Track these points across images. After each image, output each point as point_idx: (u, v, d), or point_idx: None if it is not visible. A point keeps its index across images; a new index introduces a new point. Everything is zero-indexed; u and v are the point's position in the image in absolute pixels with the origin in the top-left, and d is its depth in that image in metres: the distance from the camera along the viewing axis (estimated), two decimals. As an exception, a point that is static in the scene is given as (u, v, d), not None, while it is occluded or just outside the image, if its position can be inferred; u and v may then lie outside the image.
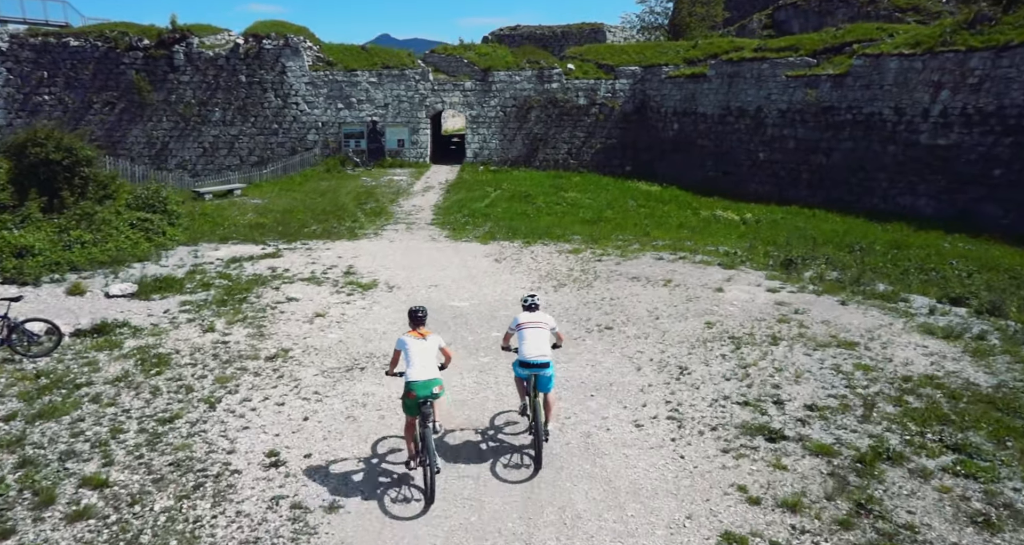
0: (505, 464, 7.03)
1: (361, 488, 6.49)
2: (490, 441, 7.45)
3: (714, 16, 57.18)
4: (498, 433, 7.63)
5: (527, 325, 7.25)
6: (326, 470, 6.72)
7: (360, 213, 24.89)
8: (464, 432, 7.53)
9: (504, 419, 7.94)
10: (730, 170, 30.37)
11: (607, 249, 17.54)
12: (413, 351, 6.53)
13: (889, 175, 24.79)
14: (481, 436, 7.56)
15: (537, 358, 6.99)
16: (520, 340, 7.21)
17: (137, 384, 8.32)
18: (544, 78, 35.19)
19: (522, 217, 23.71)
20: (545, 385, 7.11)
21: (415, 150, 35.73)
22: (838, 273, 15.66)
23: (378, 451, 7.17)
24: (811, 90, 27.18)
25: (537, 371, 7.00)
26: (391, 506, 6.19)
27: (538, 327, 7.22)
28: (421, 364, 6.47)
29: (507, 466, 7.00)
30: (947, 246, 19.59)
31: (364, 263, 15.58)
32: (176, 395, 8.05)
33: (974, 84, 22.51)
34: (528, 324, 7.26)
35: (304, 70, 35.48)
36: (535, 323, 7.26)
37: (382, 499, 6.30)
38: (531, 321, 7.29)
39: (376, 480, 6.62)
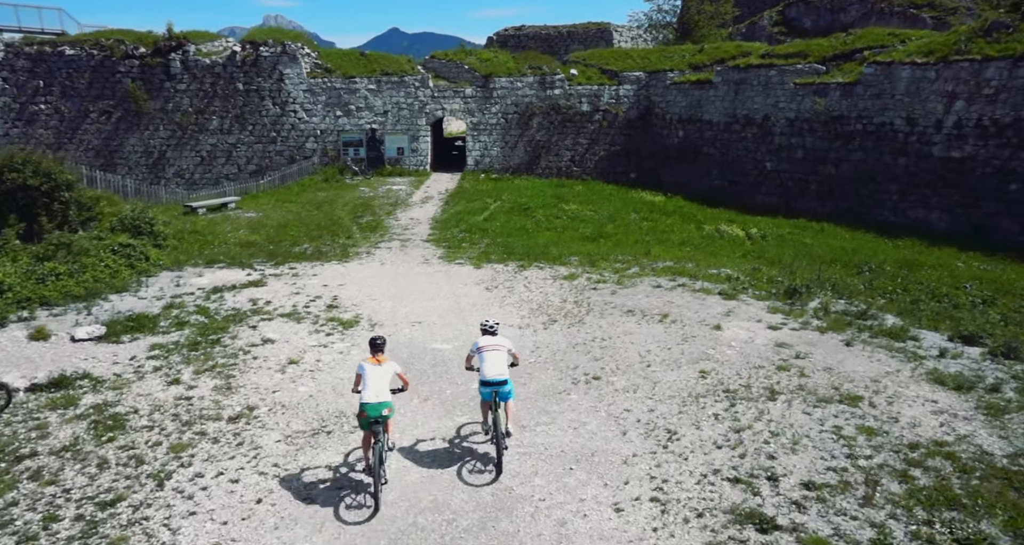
0: (470, 469, 7.96)
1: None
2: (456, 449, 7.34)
3: (723, 14, 56.15)
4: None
5: (487, 348, 8.24)
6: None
7: (355, 228, 24.37)
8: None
9: (470, 429, 8.97)
10: (736, 179, 29.58)
11: (604, 273, 16.90)
12: (368, 376, 7.51)
13: (900, 187, 23.95)
14: (448, 446, 8.21)
15: (496, 377, 7.98)
16: (481, 362, 8.17)
17: (85, 454, 7.80)
18: (546, 84, 34.48)
19: (520, 233, 23.10)
20: (505, 397, 8.12)
21: (415, 158, 35.16)
22: (845, 302, 14.95)
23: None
24: (820, 99, 26.33)
25: (497, 388, 8.01)
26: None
27: (496, 349, 8.23)
28: (374, 388, 7.40)
29: (472, 471, 7.93)
30: (961, 266, 18.80)
31: (350, 293, 15.03)
32: (124, 469, 7.52)
33: (990, 95, 21.62)
34: (487, 347, 8.24)
35: (302, 77, 34.96)
36: (494, 346, 8.27)
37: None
38: (490, 344, 8.28)
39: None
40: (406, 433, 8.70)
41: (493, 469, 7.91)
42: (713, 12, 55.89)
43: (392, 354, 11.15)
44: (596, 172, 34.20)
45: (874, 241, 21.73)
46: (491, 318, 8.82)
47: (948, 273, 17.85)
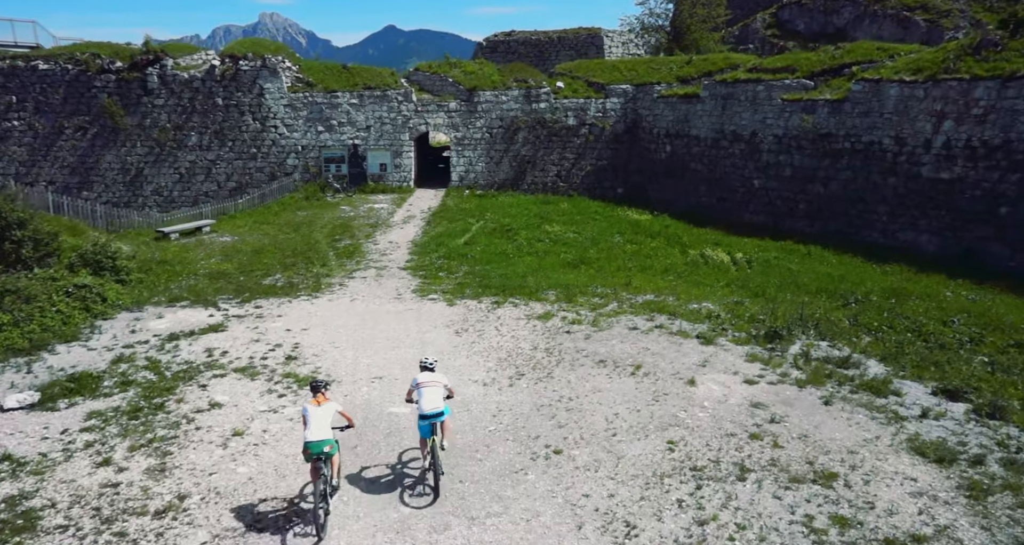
0: (411, 493, 8.75)
1: None
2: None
3: (716, 17, 55.52)
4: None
5: (424, 384, 9.07)
6: None
7: (331, 254, 23.76)
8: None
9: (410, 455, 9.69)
10: (724, 197, 29.01)
11: (580, 311, 16.32)
12: (311, 417, 8.32)
13: (890, 208, 23.39)
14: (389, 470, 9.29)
15: (432, 410, 8.87)
16: (419, 397, 9.00)
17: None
18: (532, 97, 33.85)
19: (500, 258, 22.52)
20: (441, 418, 8.96)
21: (398, 174, 34.52)
22: (827, 344, 14.40)
23: None
24: (807, 116, 25.75)
25: (434, 420, 8.88)
26: None
27: (433, 385, 9.07)
28: (317, 427, 8.20)
29: (412, 495, 8.73)
30: (949, 295, 18.26)
31: (313, 339, 14.42)
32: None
33: (979, 115, 21.06)
34: (425, 383, 9.09)
35: (283, 92, 34.29)
36: (431, 382, 9.11)
37: None
38: (428, 381, 9.13)
39: None
40: (345, 526, 8.10)
41: (431, 493, 8.77)
42: (705, 16, 55.27)
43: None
44: (583, 188, 33.60)
45: (862, 266, 21.18)
46: (430, 356, 9.74)
47: (936, 305, 17.31)
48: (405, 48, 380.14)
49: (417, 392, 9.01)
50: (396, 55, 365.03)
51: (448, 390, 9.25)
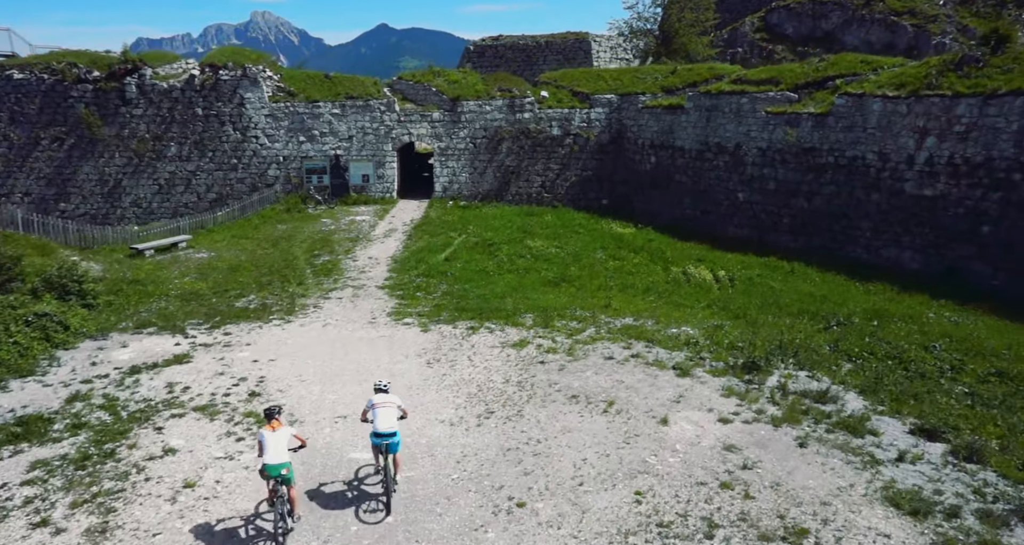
0: (365, 509, 9.29)
1: None
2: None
3: (704, 21, 55.35)
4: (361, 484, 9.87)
5: (379, 405, 9.61)
6: None
7: (308, 271, 23.34)
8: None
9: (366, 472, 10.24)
10: (709, 209, 28.75)
11: (556, 338, 15.99)
12: (267, 442, 8.83)
13: (873, 224, 23.19)
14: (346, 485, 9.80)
15: (386, 430, 9.33)
16: (374, 416, 9.51)
17: None
18: (516, 107, 33.49)
19: (480, 276, 22.17)
20: (394, 448, 9.44)
21: (381, 185, 34.10)
22: (806, 374, 14.13)
23: None
24: (791, 129, 25.51)
25: (387, 439, 9.31)
26: None
27: (388, 406, 9.60)
28: (273, 451, 8.73)
29: (366, 511, 9.29)
30: (931, 317, 18.05)
31: (279, 371, 14.02)
32: None
33: (961, 132, 20.87)
34: (380, 404, 9.62)
35: (264, 101, 33.80)
36: (386, 403, 9.63)
37: None
38: (383, 401, 9.66)
39: None
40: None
41: (384, 509, 9.36)
42: (693, 20, 55.10)
43: (305, 467, 10.20)
44: (567, 198, 33.28)
45: (845, 285, 20.96)
46: (384, 379, 10.50)
47: (918, 328, 17.09)
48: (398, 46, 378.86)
49: (372, 412, 9.60)
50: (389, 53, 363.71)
51: (402, 411, 9.84)
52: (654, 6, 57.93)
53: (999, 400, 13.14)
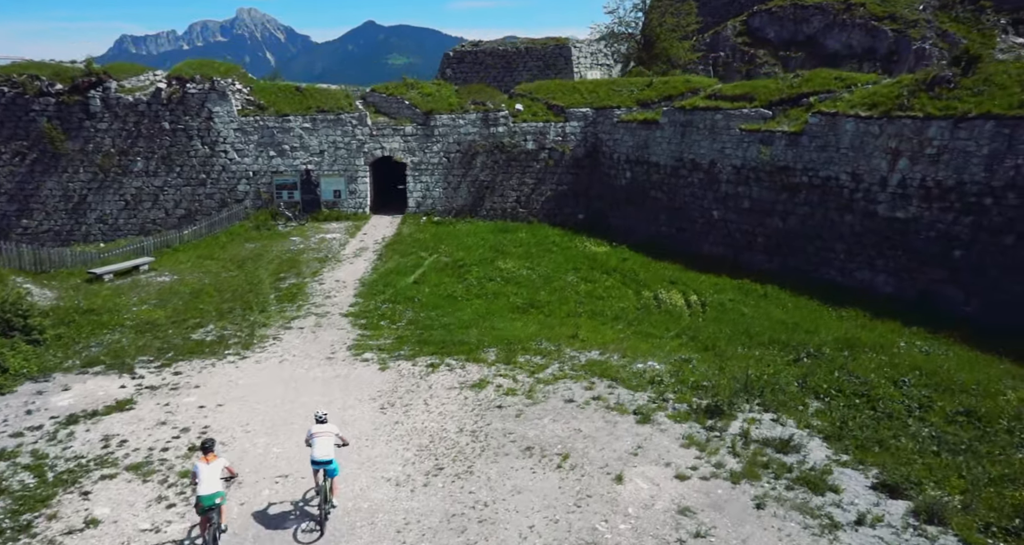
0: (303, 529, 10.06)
1: None
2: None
3: (685, 26, 55.12)
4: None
5: (318, 434, 10.51)
6: None
7: (273, 296, 22.75)
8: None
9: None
10: (684, 227, 28.40)
11: (518, 377, 15.56)
12: (201, 474, 9.43)
13: (847, 246, 22.90)
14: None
15: (323, 457, 10.27)
16: (312, 445, 10.45)
17: None
18: (490, 121, 32.98)
19: (448, 303, 21.67)
20: (332, 473, 10.43)
21: (353, 200, 33.49)
22: (771, 417, 13.76)
23: None
24: (765, 148, 25.18)
25: (323, 466, 10.29)
26: None
27: (325, 435, 10.51)
28: (207, 482, 9.38)
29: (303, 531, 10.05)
30: (903, 346, 17.77)
31: (225, 420, 13.47)
32: None
33: (932, 155, 20.61)
34: (318, 433, 10.51)
35: (232, 115, 33.08)
36: (323, 432, 10.53)
37: None
38: (321, 431, 10.54)
39: None
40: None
41: (318, 530, 10.17)
42: (675, 25, 54.86)
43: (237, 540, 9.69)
44: (543, 214, 32.82)
45: (817, 310, 20.65)
46: (321, 409, 11.30)
47: (888, 359, 16.80)
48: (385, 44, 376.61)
49: (312, 440, 10.52)
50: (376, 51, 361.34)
51: (340, 439, 10.84)
52: (635, 11, 57.61)
53: (965, 445, 12.85)
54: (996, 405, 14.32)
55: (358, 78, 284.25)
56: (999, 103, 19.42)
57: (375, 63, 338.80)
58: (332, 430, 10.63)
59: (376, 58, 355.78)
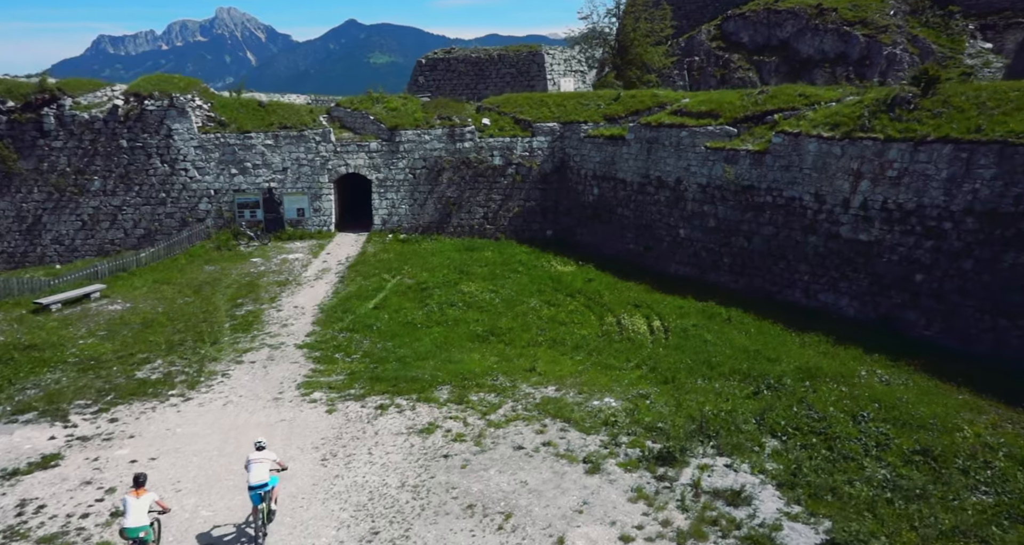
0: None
1: None
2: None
3: (659, 31, 54.97)
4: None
5: (254, 461, 11.15)
6: None
7: (227, 325, 22.13)
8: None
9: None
10: (651, 245, 28.08)
11: (468, 419, 15.13)
12: (129, 507, 9.93)
13: (811, 268, 22.69)
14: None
15: (258, 482, 10.93)
16: (249, 470, 11.06)
17: None
18: (456, 136, 32.47)
19: (407, 332, 21.18)
20: (271, 484, 11.16)
21: (318, 218, 32.82)
22: (725, 463, 13.42)
23: None
24: (728, 167, 24.93)
25: (259, 490, 10.90)
26: None
27: (261, 462, 11.14)
28: (133, 515, 9.87)
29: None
30: (863, 375, 17.55)
31: (157, 475, 12.86)
32: None
33: (893, 177, 20.44)
34: (255, 460, 11.17)
35: (193, 132, 32.29)
36: (259, 459, 11.18)
37: None
38: (257, 458, 11.19)
39: None
40: None
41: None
42: (649, 30, 54.71)
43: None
44: (510, 230, 32.38)
45: (780, 336, 20.37)
46: (262, 439, 11.79)
47: (848, 390, 16.58)
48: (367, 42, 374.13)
49: (249, 466, 11.11)
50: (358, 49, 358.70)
51: (277, 464, 11.49)
52: (609, 16, 57.41)
53: (920, 490, 12.59)
54: (952, 442, 14.10)
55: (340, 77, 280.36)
56: (957, 127, 19.26)
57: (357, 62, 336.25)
58: (269, 457, 11.31)
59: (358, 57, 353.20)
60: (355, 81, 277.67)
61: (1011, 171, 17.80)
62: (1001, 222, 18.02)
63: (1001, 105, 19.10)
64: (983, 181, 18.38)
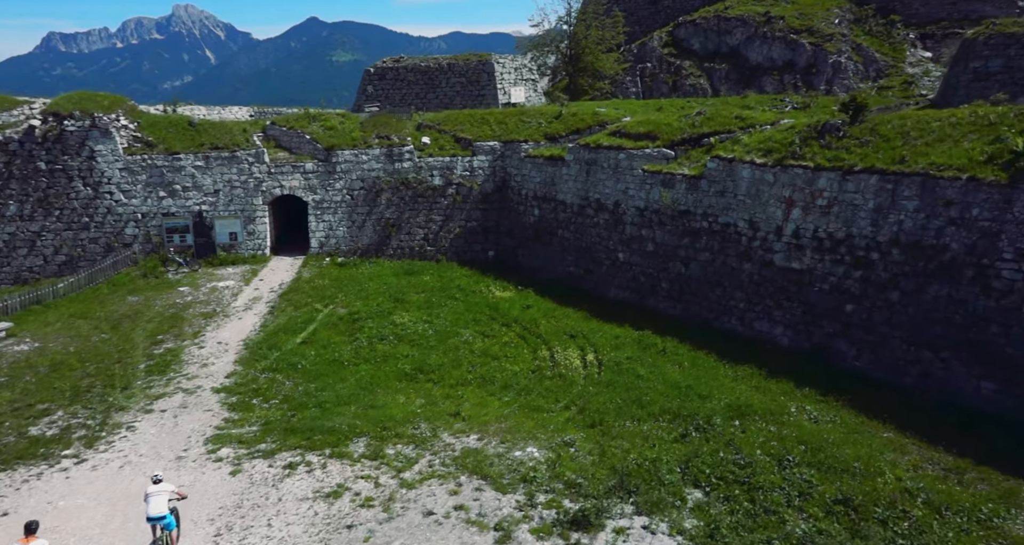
0: None
1: None
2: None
3: (610, 39, 54.85)
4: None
5: (152, 493, 11.83)
6: None
7: (143, 366, 21.02)
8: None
9: None
10: (591, 269, 27.68)
11: (381, 478, 14.41)
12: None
13: (746, 296, 22.48)
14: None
15: (156, 514, 11.63)
16: (148, 503, 11.74)
17: None
18: (395, 156, 31.61)
19: (332, 371, 20.37)
20: (168, 528, 11.77)
21: (252, 241, 31.63)
22: (643, 524, 12.95)
23: None
24: (666, 191, 24.62)
25: (157, 522, 11.64)
26: None
27: (159, 494, 11.79)
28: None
29: None
30: (793, 412, 17.33)
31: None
32: None
33: (823, 206, 20.31)
34: (153, 492, 11.82)
35: (117, 154, 30.82)
36: (158, 492, 11.81)
37: None
38: (155, 491, 11.84)
39: None
40: None
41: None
42: (600, 37, 54.59)
43: None
44: (451, 251, 31.66)
45: (714, 368, 20.08)
46: (159, 472, 12.45)
47: (777, 432, 16.31)
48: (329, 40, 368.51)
49: (148, 499, 11.80)
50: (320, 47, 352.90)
51: (175, 494, 12.13)
52: (560, 23, 57.13)
53: (839, 541, 12.31)
54: (874, 489, 13.89)
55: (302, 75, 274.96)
56: (883, 157, 19.19)
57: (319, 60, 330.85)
58: (167, 488, 11.98)
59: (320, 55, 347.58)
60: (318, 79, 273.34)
61: (932, 204, 17.75)
62: (924, 254, 17.97)
63: (924, 135, 19.07)
64: (907, 213, 18.31)
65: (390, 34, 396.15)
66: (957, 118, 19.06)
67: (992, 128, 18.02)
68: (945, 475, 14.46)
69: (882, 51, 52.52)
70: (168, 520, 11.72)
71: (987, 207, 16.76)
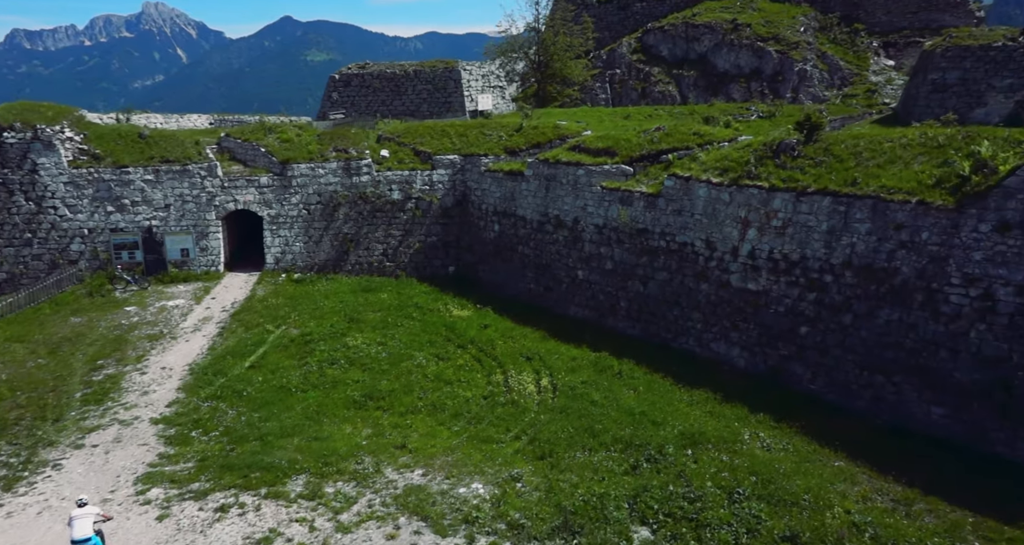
0: None
1: None
2: None
3: (578, 46, 54.68)
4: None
5: (76, 517, 12.12)
6: None
7: (79, 395, 20.15)
8: None
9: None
10: (551, 286, 27.28)
11: (316, 522, 13.83)
12: None
13: (704, 316, 22.23)
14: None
15: (81, 537, 11.88)
16: (72, 526, 12.00)
17: None
18: (352, 170, 30.92)
19: (279, 399, 19.67)
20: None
21: (205, 258, 30.68)
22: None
23: None
24: (623, 209, 24.30)
25: (83, 544, 11.92)
26: None
27: (84, 517, 12.10)
28: None
29: None
30: (746, 440, 17.07)
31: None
32: None
33: (778, 227, 20.12)
34: (77, 516, 12.13)
35: (62, 167, 29.70)
36: (82, 515, 12.13)
37: None
38: (80, 514, 12.15)
39: None
40: None
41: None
42: (568, 44, 54.38)
43: None
44: (411, 267, 31.05)
45: (669, 393, 19.76)
46: (84, 496, 12.75)
47: (729, 462, 16.01)
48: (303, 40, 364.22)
49: (72, 523, 12.00)
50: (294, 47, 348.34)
51: (100, 516, 12.43)
52: (529, 30, 56.86)
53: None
54: (822, 524, 13.63)
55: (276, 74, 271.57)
56: (835, 178, 19.05)
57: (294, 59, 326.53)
58: (92, 511, 12.24)
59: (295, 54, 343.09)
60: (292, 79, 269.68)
61: (884, 227, 17.63)
62: (876, 277, 17.84)
63: (876, 156, 18.97)
64: (860, 235, 18.18)
65: (365, 34, 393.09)
66: (908, 139, 19.00)
67: (941, 150, 17.96)
68: (894, 507, 14.28)
69: (847, 59, 53.05)
70: (94, 541, 11.90)
71: (935, 231, 16.67)
